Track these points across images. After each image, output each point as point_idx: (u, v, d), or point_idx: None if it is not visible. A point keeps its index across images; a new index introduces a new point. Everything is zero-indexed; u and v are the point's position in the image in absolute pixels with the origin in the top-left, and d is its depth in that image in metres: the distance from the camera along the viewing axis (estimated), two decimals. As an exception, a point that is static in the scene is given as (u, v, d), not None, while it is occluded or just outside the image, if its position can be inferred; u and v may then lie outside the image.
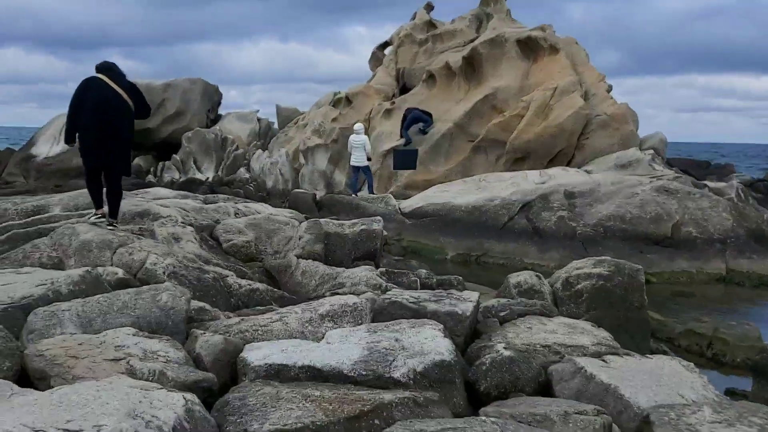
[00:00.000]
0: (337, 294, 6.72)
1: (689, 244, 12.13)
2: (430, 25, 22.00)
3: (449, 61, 19.16)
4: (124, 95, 7.53)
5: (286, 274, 8.14)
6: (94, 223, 7.45)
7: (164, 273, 6.42)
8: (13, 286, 5.35)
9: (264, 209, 10.26)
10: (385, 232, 14.08)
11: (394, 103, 19.92)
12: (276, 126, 27.43)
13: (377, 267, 8.65)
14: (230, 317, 5.63)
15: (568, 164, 16.73)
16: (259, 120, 27.02)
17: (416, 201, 15.92)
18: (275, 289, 7.09)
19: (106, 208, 7.72)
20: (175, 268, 6.58)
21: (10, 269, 6.06)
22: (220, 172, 24.16)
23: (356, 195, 17.22)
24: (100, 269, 5.96)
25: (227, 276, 7.09)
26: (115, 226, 7.67)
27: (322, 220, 8.83)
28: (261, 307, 6.20)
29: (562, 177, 14.70)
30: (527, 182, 14.92)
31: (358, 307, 5.29)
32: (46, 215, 8.74)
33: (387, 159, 18.53)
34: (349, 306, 5.29)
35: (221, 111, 29.48)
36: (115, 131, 7.46)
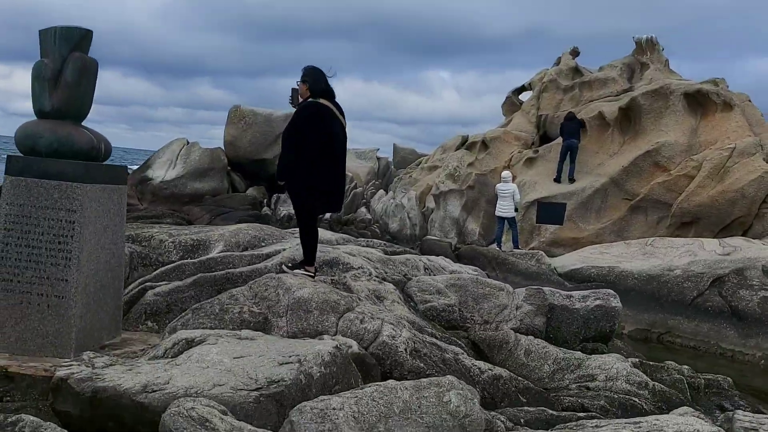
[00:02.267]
0: (585, 388, 5.31)
1: None
2: (576, 71, 20.61)
3: (603, 111, 17.68)
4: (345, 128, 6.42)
5: (503, 351, 6.75)
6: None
7: (406, 350, 5.14)
8: (251, 361, 4.14)
9: (448, 265, 8.95)
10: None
11: (537, 151, 18.53)
12: (392, 166, 26.39)
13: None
14: (525, 431, 4.26)
15: (744, 234, 14.90)
16: (378, 159, 26.02)
17: (572, 261, 14.38)
18: (521, 379, 5.70)
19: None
20: (416, 344, 5.28)
21: (224, 332, 4.88)
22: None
23: (500, 248, 15.82)
24: (349, 345, 4.71)
25: (459, 354, 5.77)
26: (313, 275, 6.49)
27: (546, 289, 7.44)
28: (532, 410, 4.82)
29: (749, 249, 12.91)
30: (706, 252, 13.18)
31: (715, 438, 3.83)
32: (220, 255, 7.65)
33: (530, 211, 17.08)
34: (702, 435, 3.83)
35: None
36: (344, 172, 6.36)
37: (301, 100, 6.30)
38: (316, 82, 6.18)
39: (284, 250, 7.91)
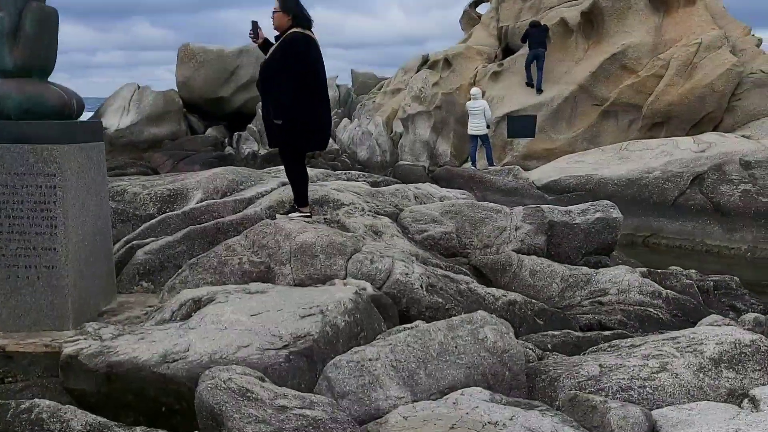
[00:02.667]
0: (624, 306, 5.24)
1: None
2: (532, -22, 20.06)
3: (566, 17, 17.32)
4: None
5: (506, 274, 6.63)
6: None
7: (421, 287, 4.96)
8: (270, 317, 3.92)
9: (436, 191, 8.74)
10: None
11: (502, 64, 18.18)
12: (353, 93, 25.83)
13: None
14: (557, 357, 4.14)
15: (715, 129, 14.93)
16: (338, 87, 25.41)
17: (549, 173, 14.31)
18: (535, 301, 5.58)
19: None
20: (430, 279, 5.11)
21: (231, 288, 4.63)
22: (302, 143, 22.68)
23: (475, 167, 15.66)
24: (363, 287, 4.50)
25: (470, 283, 5.62)
26: (310, 215, 6.25)
27: (544, 206, 7.28)
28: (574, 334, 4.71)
29: (724, 144, 12.94)
30: (682, 151, 13.19)
31: (759, 346, 3.74)
32: (204, 205, 7.31)
33: (500, 126, 16.87)
34: (745, 345, 3.74)
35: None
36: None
37: (276, 31, 5.91)
38: (300, 10, 5.79)
39: (267, 193, 7.62)
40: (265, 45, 6.05)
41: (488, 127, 15.69)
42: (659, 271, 6.48)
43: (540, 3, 19.19)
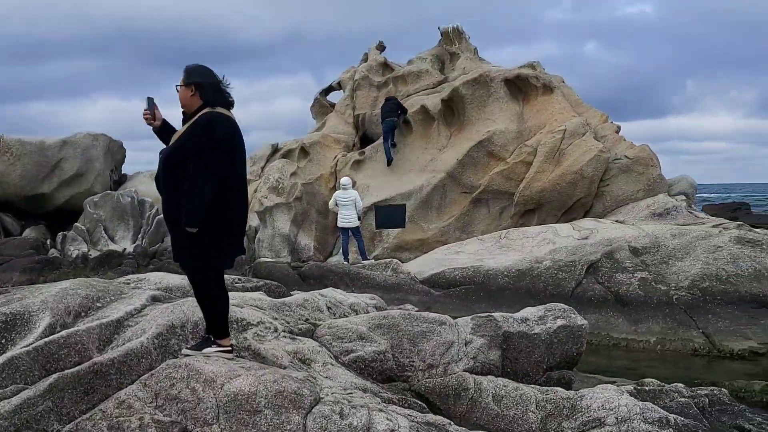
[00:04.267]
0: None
1: (801, 304, 10.33)
2: (386, 66, 19.70)
3: (426, 105, 16.92)
4: None
5: (462, 402, 5.41)
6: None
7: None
8: None
9: (345, 297, 7.35)
10: (413, 308, 11.43)
11: (364, 153, 17.35)
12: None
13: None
14: None
15: (586, 214, 14.81)
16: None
17: (429, 265, 13.37)
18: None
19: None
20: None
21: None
22: (141, 242, 20.38)
23: (348, 261, 14.44)
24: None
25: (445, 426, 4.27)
26: (231, 350, 4.69)
27: (496, 314, 6.11)
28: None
29: (605, 230, 12.67)
30: (563, 238, 12.77)
31: None
32: (63, 336, 5.44)
33: (368, 217, 15.86)
34: None
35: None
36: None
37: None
38: (211, 84, 4.40)
39: (138, 311, 5.89)
40: (163, 129, 4.56)
41: (359, 218, 14.63)
42: (647, 388, 5.47)
43: (396, 90, 18.78)
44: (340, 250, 15.58)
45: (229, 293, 6.28)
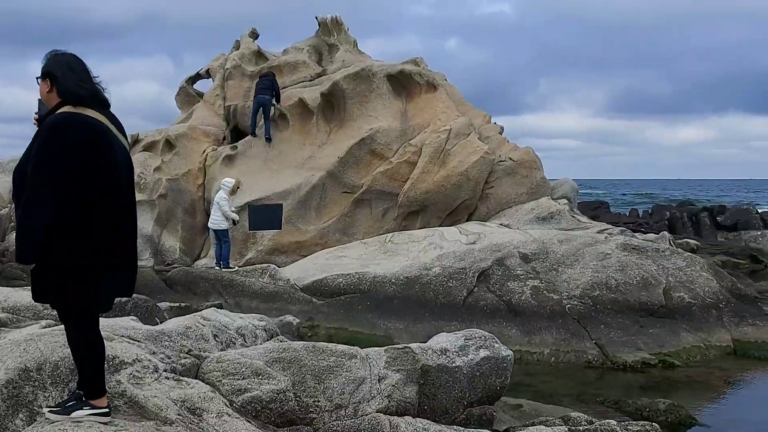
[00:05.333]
0: None
1: (686, 313, 10.38)
2: (260, 55, 18.54)
3: (305, 98, 15.99)
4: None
5: (378, 452, 4.63)
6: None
7: None
8: None
9: (232, 319, 6.37)
10: (295, 320, 10.64)
11: (236, 147, 16.17)
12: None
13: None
14: None
15: (470, 217, 14.48)
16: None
17: (309, 271, 12.52)
18: None
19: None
20: None
21: None
22: (-22, 239, 18.12)
23: (219, 267, 13.27)
24: None
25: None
26: (109, 412, 3.68)
27: (414, 346, 5.35)
28: None
29: (492, 235, 12.33)
30: (449, 242, 12.32)
31: None
32: None
33: (240, 217, 14.72)
34: None
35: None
36: (135, 225, 3.61)
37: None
38: (71, 76, 3.39)
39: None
40: None
41: (233, 221, 13.48)
42: (581, 429, 4.91)
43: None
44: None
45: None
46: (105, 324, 5.37)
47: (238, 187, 13.58)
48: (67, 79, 3.40)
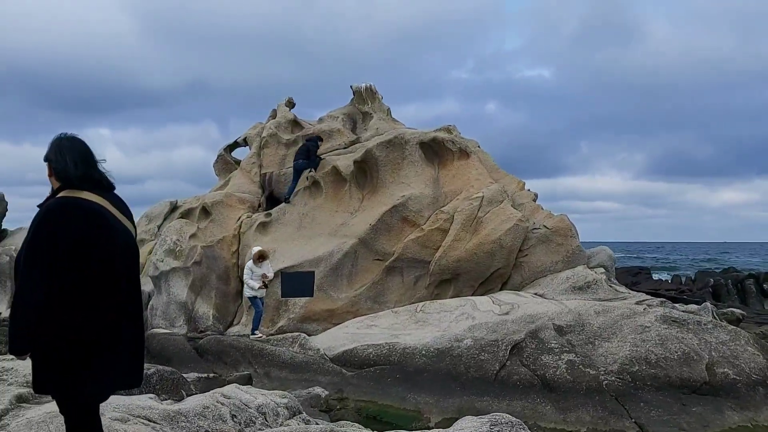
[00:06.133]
0: None
1: (731, 390, 9.90)
2: (295, 123, 18.84)
3: (338, 166, 16.09)
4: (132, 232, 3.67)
5: None
6: None
7: None
8: None
9: (250, 397, 6.22)
10: (323, 392, 10.43)
11: (270, 214, 16.27)
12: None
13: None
14: None
15: (504, 286, 14.21)
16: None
17: (340, 340, 12.34)
18: None
19: None
20: None
21: None
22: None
23: (254, 334, 13.19)
24: None
25: None
26: None
27: (436, 433, 5.14)
28: None
29: (526, 305, 12.04)
30: (483, 313, 12.06)
31: None
32: None
33: (273, 284, 14.69)
34: None
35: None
36: (141, 314, 3.53)
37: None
38: (61, 160, 3.41)
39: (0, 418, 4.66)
40: None
41: (263, 286, 13.46)
42: None
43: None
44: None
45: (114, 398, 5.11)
46: (121, 403, 5.28)
47: (262, 256, 13.54)
48: (59, 162, 3.42)
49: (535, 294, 13.16)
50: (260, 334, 13.23)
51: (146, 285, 16.06)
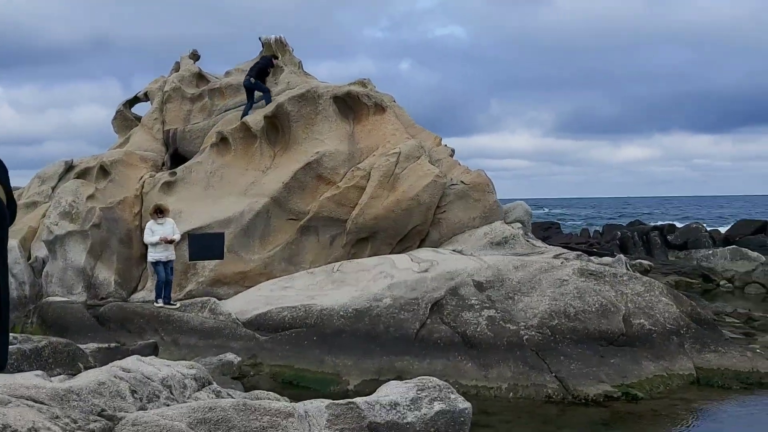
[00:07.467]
0: None
1: (647, 340, 9.97)
2: (201, 77, 17.85)
3: (248, 122, 15.31)
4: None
5: None
6: None
7: None
8: None
9: (152, 369, 5.63)
10: (236, 359, 9.97)
11: (175, 173, 15.37)
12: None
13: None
14: None
15: (422, 243, 13.94)
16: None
17: (253, 304, 11.80)
18: None
19: None
20: None
21: None
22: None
23: (157, 302, 12.42)
24: None
25: None
26: None
27: (360, 401, 4.70)
28: None
29: (445, 262, 11.80)
30: (401, 270, 11.75)
31: None
32: None
33: (180, 247, 13.91)
34: None
35: None
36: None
37: None
38: None
39: None
40: None
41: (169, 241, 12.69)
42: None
43: (212, 105, 17.05)
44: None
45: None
46: (3, 383, 4.62)
47: (160, 210, 12.72)
48: None
49: (454, 251, 12.94)
50: (168, 304, 12.39)
51: (40, 250, 14.98)
